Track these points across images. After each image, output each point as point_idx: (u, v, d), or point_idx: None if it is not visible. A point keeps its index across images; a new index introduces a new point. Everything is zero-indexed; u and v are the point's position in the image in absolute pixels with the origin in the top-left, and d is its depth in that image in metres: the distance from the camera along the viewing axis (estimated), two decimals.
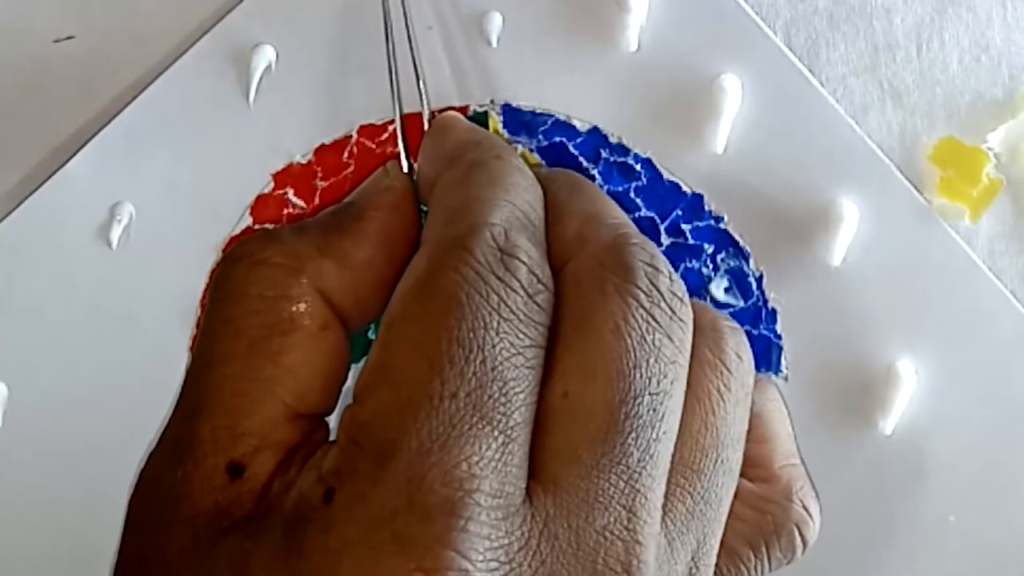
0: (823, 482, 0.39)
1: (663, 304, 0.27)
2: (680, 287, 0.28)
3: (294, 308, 0.27)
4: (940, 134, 0.37)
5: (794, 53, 0.37)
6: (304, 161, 0.39)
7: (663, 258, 0.28)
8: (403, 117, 0.35)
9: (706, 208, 0.38)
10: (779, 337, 0.38)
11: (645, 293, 0.27)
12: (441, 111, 0.38)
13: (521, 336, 0.26)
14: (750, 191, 0.37)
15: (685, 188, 0.38)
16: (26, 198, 0.39)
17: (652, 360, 0.26)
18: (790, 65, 0.37)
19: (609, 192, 0.38)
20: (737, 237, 0.38)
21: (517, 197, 0.28)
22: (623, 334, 0.26)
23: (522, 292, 0.26)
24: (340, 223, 0.29)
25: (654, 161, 0.38)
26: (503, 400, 0.25)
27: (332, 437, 0.27)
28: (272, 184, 0.39)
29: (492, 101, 0.38)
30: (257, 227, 0.33)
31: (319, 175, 0.39)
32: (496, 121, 0.38)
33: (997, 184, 0.37)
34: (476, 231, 0.26)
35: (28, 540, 0.41)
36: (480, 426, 0.24)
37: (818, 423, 0.39)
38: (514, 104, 0.37)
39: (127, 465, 0.41)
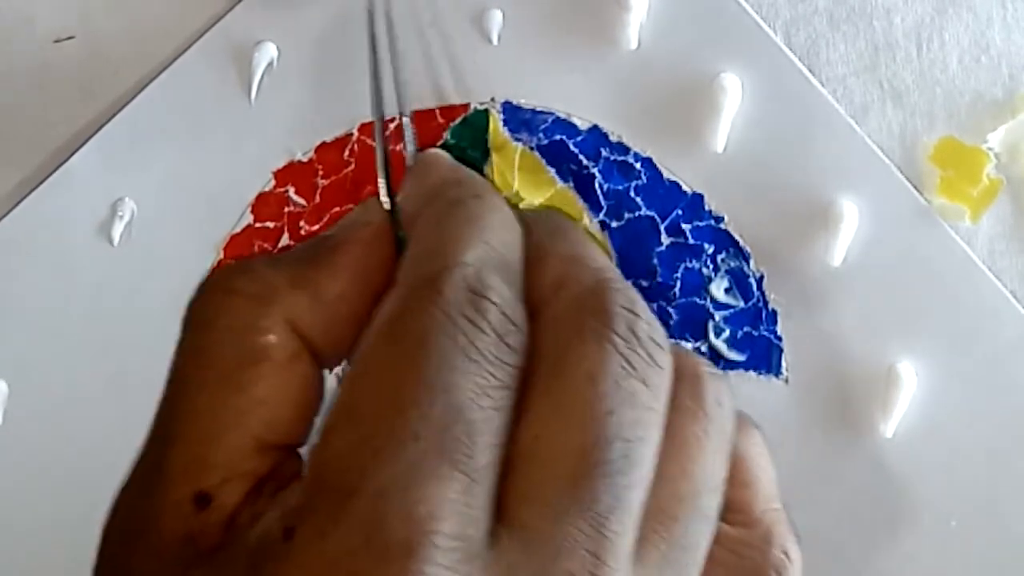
0: (823, 484, 0.39)
1: (640, 350, 0.27)
2: (659, 333, 0.27)
3: (263, 339, 0.27)
4: (940, 134, 0.37)
5: (794, 53, 0.37)
6: (305, 159, 0.39)
7: (643, 304, 0.28)
8: (398, 124, 0.35)
9: (706, 208, 0.38)
10: (779, 338, 0.38)
11: (623, 338, 0.27)
12: (442, 110, 0.38)
13: (488, 377, 0.25)
14: (750, 191, 0.37)
15: (685, 188, 0.38)
16: (26, 197, 0.39)
17: (627, 406, 0.26)
18: (790, 65, 0.37)
19: (609, 191, 0.38)
20: (737, 237, 0.38)
21: (494, 237, 0.28)
22: (598, 379, 0.26)
23: (491, 333, 0.26)
24: (315, 256, 0.29)
25: (654, 160, 0.38)
26: (467, 442, 0.25)
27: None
28: (273, 182, 0.39)
29: (492, 99, 0.38)
30: (229, 260, 0.34)
31: (320, 173, 0.39)
32: (496, 119, 0.38)
33: (997, 184, 0.37)
34: (447, 271, 0.26)
35: (27, 536, 0.41)
36: (443, 468, 0.24)
37: (818, 425, 0.38)
38: (514, 102, 0.38)
39: (126, 463, 0.41)
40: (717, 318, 0.38)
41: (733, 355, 0.38)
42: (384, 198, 0.30)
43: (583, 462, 0.25)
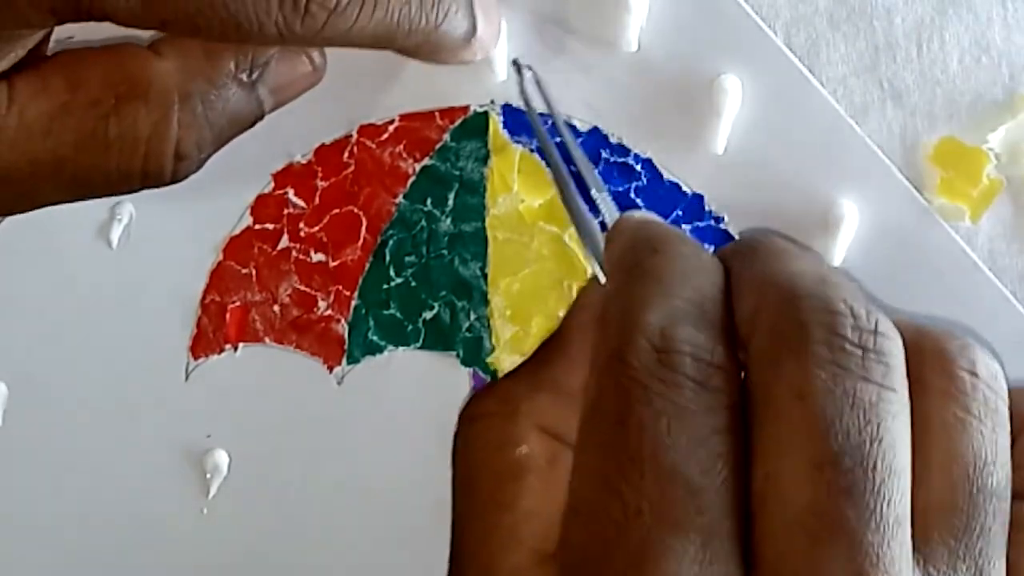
0: None
1: (848, 347, 0.25)
2: (871, 320, 0.26)
3: (518, 452, 0.27)
4: (940, 134, 0.37)
5: (794, 53, 0.37)
6: (304, 161, 0.39)
7: (846, 295, 0.26)
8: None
9: (706, 208, 0.38)
10: None
11: (824, 343, 0.25)
12: (442, 112, 0.38)
13: (699, 428, 0.25)
14: (750, 191, 0.37)
15: (685, 188, 0.38)
16: None
17: (849, 409, 0.25)
18: (790, 65, 0.37)
19: (609, 192, 0.38)
20: (737, 237, 0.38)
21: (678, 287, 0.27)
22: (807, 395, 0.25)
23: (690, 384, 0.25)
24: (546, 355, 0.29)
25: (654, 161, 0.38)
26: (691, 500, 0.24)
27: None
28: (272, 184, 0.39)
29: (492, 101, 0.38)
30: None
31: (319, 175, 0.39)
32: (496, 121, 0.38)
33: (997, 184, 0.37)
34: (629, 341, 0.26)
35: (27, 536, 0.41)
36: (673, 533, 0.24)
37: None
38: (514, 104, 0.37)
39: (126, 464, 0.41)
40: None
41: None
42: (599, 274, 0.30)
43: (819, 488, 0.24)
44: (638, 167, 0.37)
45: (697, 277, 0.27)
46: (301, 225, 0.39)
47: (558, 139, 0.37)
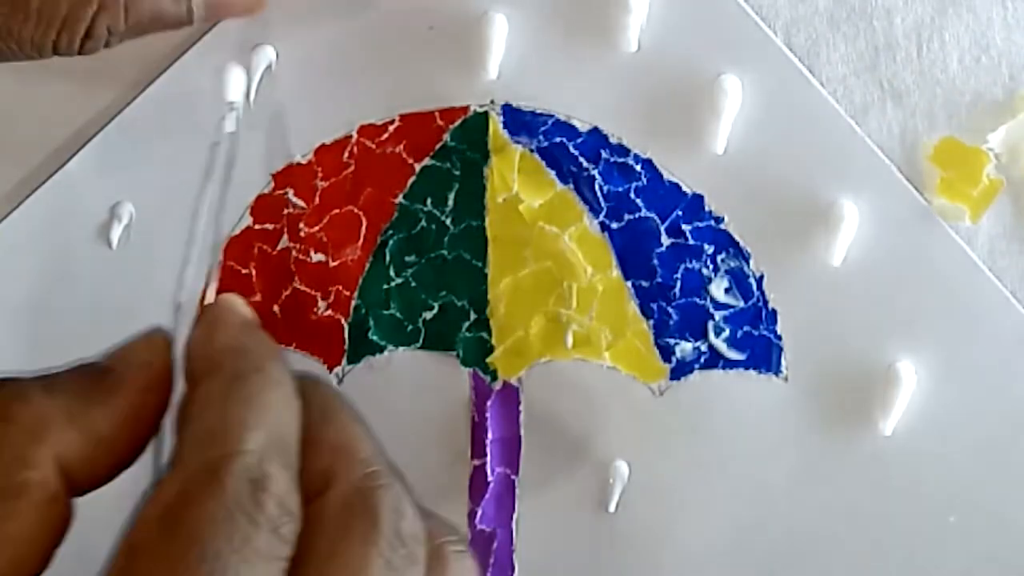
0: (823, 482, 0.39)
1: (402, 550, 0.28)
2: (418, 526, 0.28)
3: (27, 475, 0.27)
4: (940, 134, 0.37)
5: (794, 53, 0.37)
6: (304, 161, 0.39)
7: (407, 497, 0.28)
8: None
9: (706, 208, 0.38)
10: (779, 337, 0.38)
11: (387, 540, 0.27)
12: (442, 113, 0.38)
13: (259, 573, 0.26)
14: (750, 191, 0.37)
15: (685, 188, 0.38)
16: (26, 198, 0.39)
17: None
18: (790, 65, 0.37)
19: (609, 192, 0.38)
20: (737, 238, 0.38)
21: (274, 417, 0.28)
22: None
23: (267, 527, 0.26)
24: (93, 392, 0.29)
25: (654, 161, 0.38)
26: None
27: None
28: (272, 184, 0.39)
29: (492, 101, 0.38)
30: (2, 376, 0.35)
31: (319, 175, 0.39)
32: (496, 121, 0.38)
33: (997, 184, 0.37)
34: (229, 460, 0.26)
35: None
36: None
37: (818, 423, 0.39)
38: (514, 104, 0.37)
39: None
40: (717, 318, 0.38)
41: (733, 354, 0.39)
42: (178, 344, 0.30)
43: None
44: (638, 167, 0.38)
45: (287, 410, 0.29)
46: (301, 225, 0.39)
47: (557, 139, 0.38)
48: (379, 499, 0.28)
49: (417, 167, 0.38)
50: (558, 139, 0.37)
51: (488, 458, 0.39)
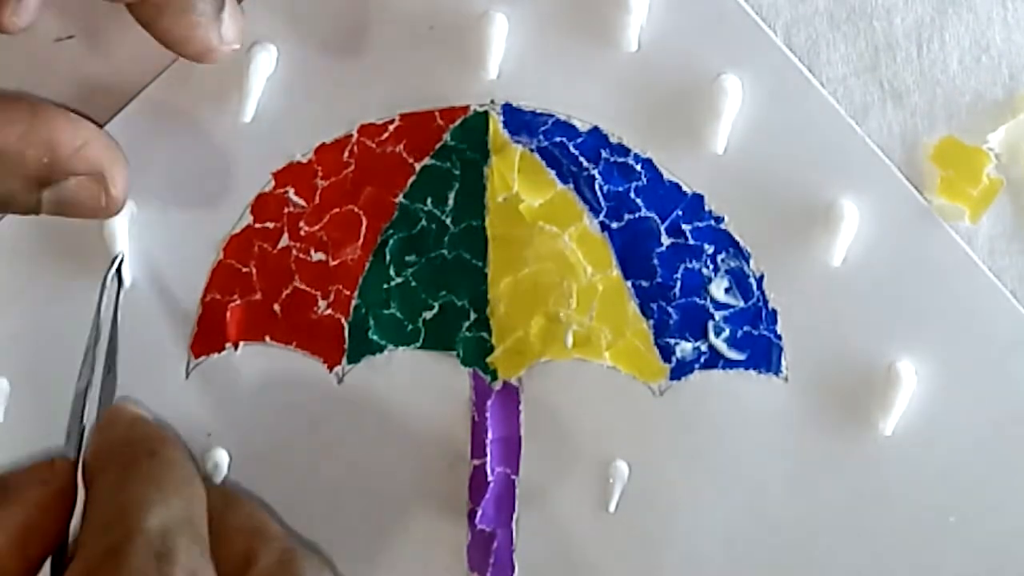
0: (823, 482, 0.39)
1: None
2: None
3: None
4: (940, 134, 0.37)
5: (794, 53, 0.37)
6: (304, 160, 0.39)
7: (328, 567, 0.31)
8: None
9: (706, 208, 0.38)
10: (779, 337, 0.38)
11: None
12: (442, 112, 0.38)
13: None
14: (750, 191, 0.37)
15: (685, 188, 0.38)
16: None
17: None
18: (790, 65, 0.37)
19: (609, 192, 0.38)
20: (737, 237, 0.38)
21: (173, 494, 0.28)
22: None
23: None
24: None
25: (654, 161, 0.38)
26: None
27: None
28: (273, 183, 0.39)
29: (492, 101, 0.38)
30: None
31: (320, 174, 0.39)
32: (496, 121, 0.38)
33: (997, 184, 0.37)
34: (130, 540, 0.26)
35: None
36: None
37: (818, 423, 0.39)
38: (514, 104, 0.38)
39: None
40: (717, 318, 0.38)
41: (733, 354, 0.39)
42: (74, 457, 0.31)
43: None
44: (638, 167, 0.38)
45: (188, 487, 0.29)
46: (301, 224, 0.39)
47: (557, 139, 0.38)
48: (304, 568, 0.29)
49: (417, 167, 0.38)
50: (558, 139, 0.37)
51: (488, 458, 0.39)
